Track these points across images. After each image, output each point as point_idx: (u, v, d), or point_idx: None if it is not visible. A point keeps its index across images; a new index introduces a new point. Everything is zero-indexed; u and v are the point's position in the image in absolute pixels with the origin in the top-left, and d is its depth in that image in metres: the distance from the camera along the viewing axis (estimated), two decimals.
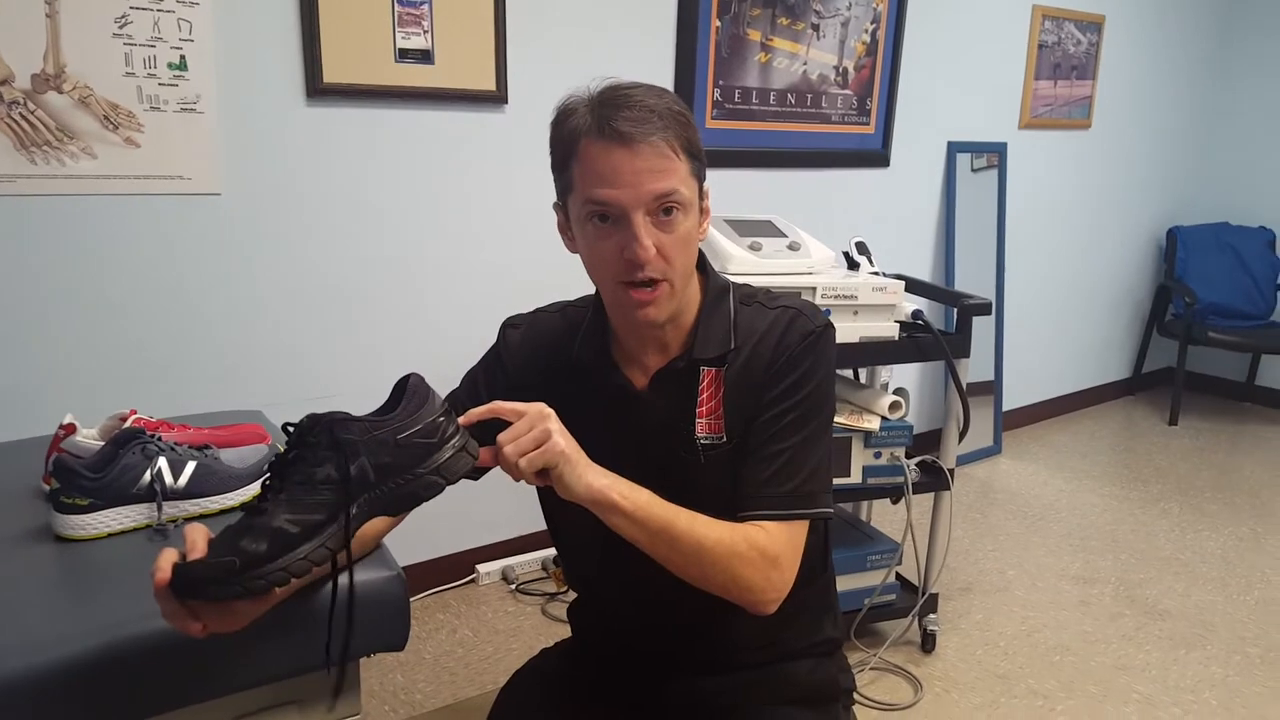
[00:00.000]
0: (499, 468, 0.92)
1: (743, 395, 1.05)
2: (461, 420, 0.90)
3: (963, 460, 3.47)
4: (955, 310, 2.16)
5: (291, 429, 0.84)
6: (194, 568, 0.78)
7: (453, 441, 0.87)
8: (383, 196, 2.20)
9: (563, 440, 0.90)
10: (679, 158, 0.97)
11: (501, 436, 0.90)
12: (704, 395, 1.06)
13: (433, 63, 2.17)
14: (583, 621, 1.27)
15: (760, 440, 1.04)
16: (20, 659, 0.82)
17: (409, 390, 0.87)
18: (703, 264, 1.11)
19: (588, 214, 0.99)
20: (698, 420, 1.06)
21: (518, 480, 0.92)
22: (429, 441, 0.85)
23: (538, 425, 0.90)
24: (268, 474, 0.84)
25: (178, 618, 0.80)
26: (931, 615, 2.29)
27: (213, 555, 0.78)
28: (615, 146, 0.95)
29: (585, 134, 0.96)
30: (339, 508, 0.81)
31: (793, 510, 1.02)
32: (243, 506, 0.83)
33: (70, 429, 1.17)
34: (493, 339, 1.18)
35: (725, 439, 1.05)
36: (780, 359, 1.05)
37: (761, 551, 0.98)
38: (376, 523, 1.03)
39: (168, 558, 0.79)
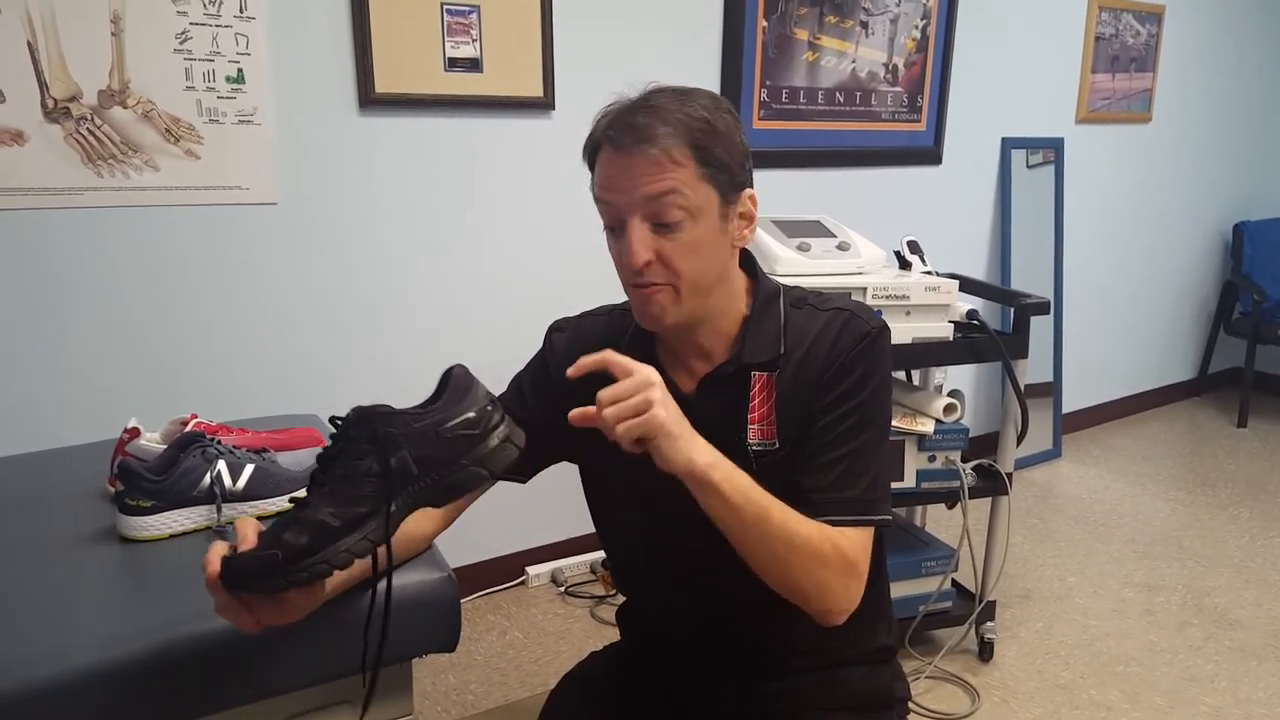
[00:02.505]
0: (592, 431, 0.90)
1: (796, 401, 1.03)
2: (571, 371, 0.89)
3: (1021, 464, 3.39)
4: (1012, 310, 2.11)
5: (338, 423, 0.84)
6: (240, 561, 0.79)
7: (497, 433, 0.86)
8: (434, 203, 2.23)
9: (664, 411, 0.86)
10: (682, 164, 0.95)
11: (603, 394, 0.87)
12: (755, 401, 1.05)
13: (481, 71, 2.19)
14: (632, 625, 1.26)
15: (818, 446, 1.02)
16: (85, 656, 0.85)
17: (451, 382, 0.87)
18: (753, 268, 1.10)
19: (603, 219, 1.01)
20: (749, 426, 1.05)
21: (613, 440, 0.89)
22: (472, 433, 0.85)
23: (641, 392, 0.87)
24: (316, 467, 0.85)
25: (230, 611, 0.82)
26: (989, 623, 2.24)
27: (260, 548, 0.80)
28: (615, 153, 0.96)
29: (600, 142, 0.99)
30: (381, 501, 0.82)
31: (861, 515, 1.01)
32: (291, 500, 0.84)
33: (134, 433, 1.20)
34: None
35: (778, 445, 1.03)
36: (835, 363, 1.03)
37: (844, 557, 0.96)
38: (426, 524, 1.05)
39: (217, 551, 0.81)
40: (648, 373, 0.88)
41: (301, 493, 0.86)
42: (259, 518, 1.10)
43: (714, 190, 0.99)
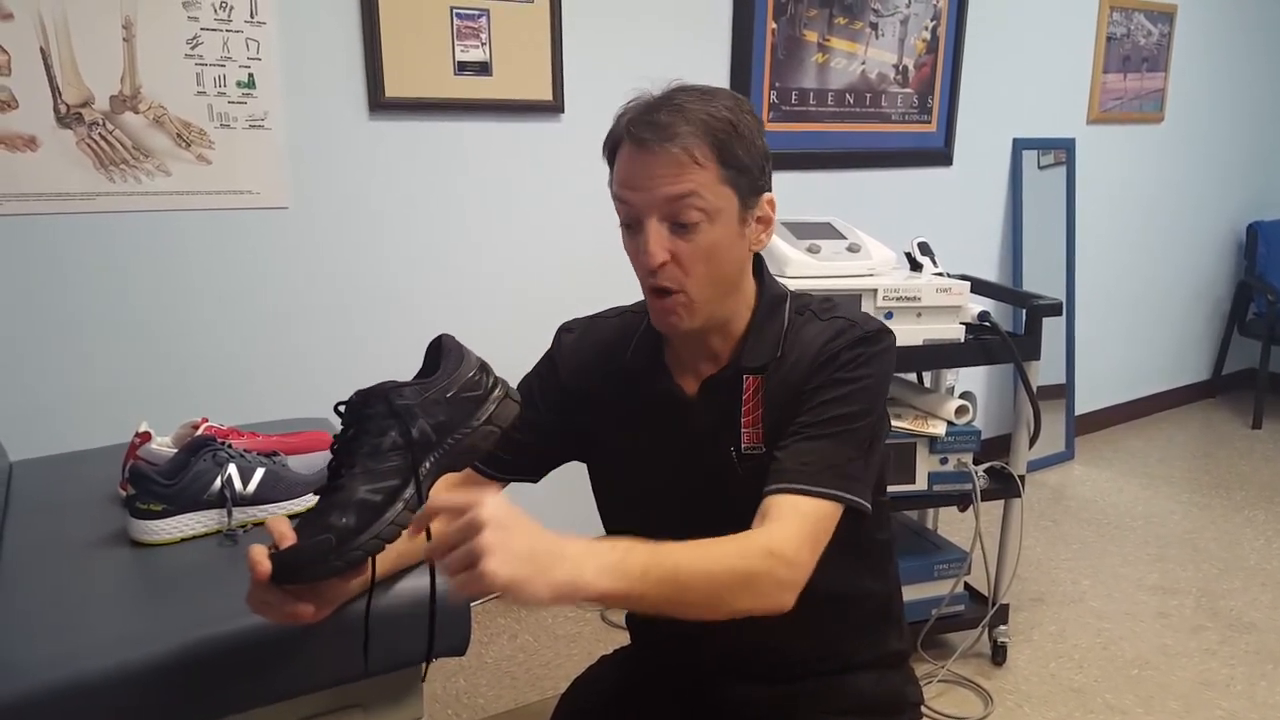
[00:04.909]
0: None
1: (783, 403, 1.02)
2: (410, 530, 0.82)
3: (1033, 466, 3.37)
4: (1024, 311, 2.10)
5: (343, 408, 0.86)
6: (293, 553, 0.80)
7: (495, 393, 0.90)
8: (444, 206, 2.23)
9: (496, 563, 0.72)
10: (704, 165, 0.94)
11: (429, 547, 0.77)
12: (747, 405, 1.04)
13: (491, 74, 2.19)
14: (641, 629, 1.26)
15: (793, 430, 0.99)
16: (96, 659, 0.85)
17: (445, 350, 0.90)
18: (760, 271, 1.09)
19: (620, 216, 1.00)
20: (742, 430, 1.04)
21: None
22: (475, 394, 0.88)
23: (467, 539, 0.73)
24: (332, 456, 0.86)
25: (278, 607, 0.81)
26: (1002, 626, 2.23)
27: (308, 537, 0.80)
28: (637, 151, 0.95)
29: (621, 138, 0.98)
30: (409, 470, 0.84)
31: (816, 487, 0.95)
32: (317, 492, 0.85)
33: (145, 437, 1.21)
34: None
35: (764, 448, 1.02)
36: (822, 358, 1.01)
37: (776, 556, 0.90)
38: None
39: (261, 552, 0.79)
40: (474, 515, 0.74)
41: (313, 499, 0.86)
42: None
43: (733, 193, 0.97)
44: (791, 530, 0.92)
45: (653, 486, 1.11)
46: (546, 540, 0.77)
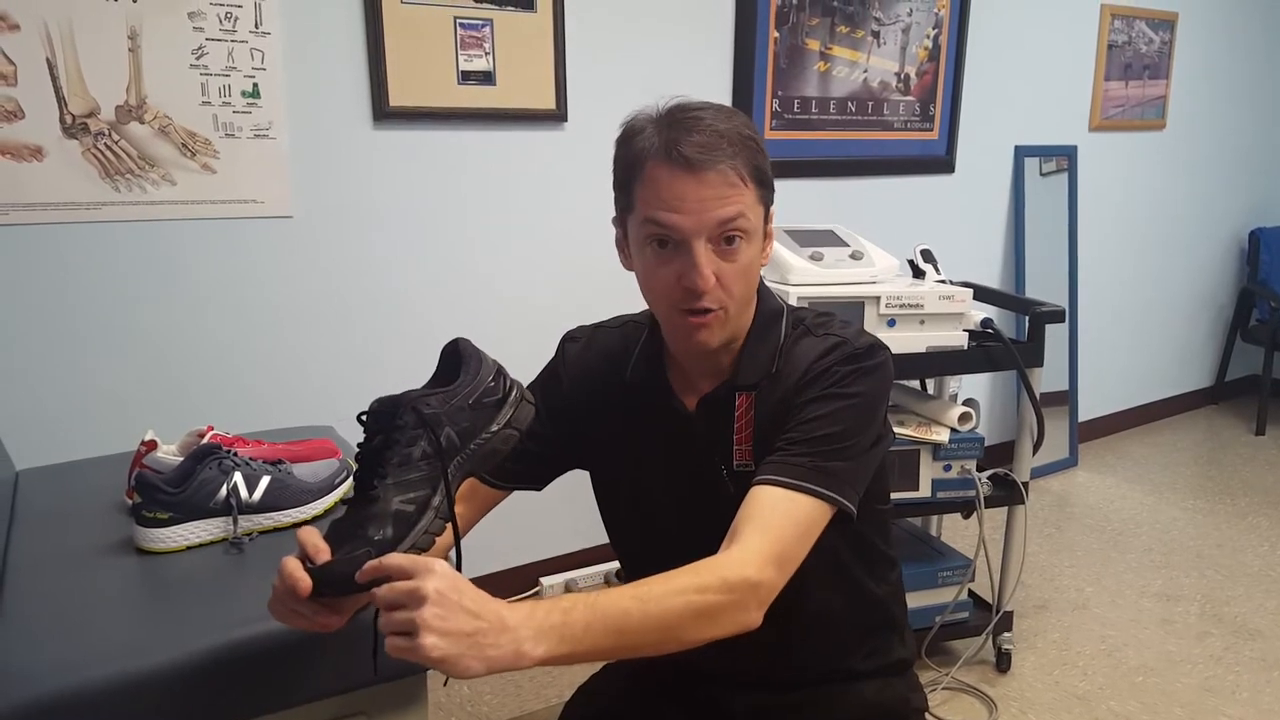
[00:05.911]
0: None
1: (774, 421, 1.01)
2: (359, 577, 0.78)
3: (1037, 473, 3.37)
4: (1027, 318, 2.10)
5: (366, 417, 0.86)
6: (335, 567, 0.79)
7: (512, 396, 0.91)
8: (448, 215, 2.24)
9: (435, 639, 0.72)
10: (746, 185, 0.95)
11: (378, 592, 0.75)
12: (740, 422, 1.04)
13: (494, 84, 2.20)
14: None
15: (779, 446, 0.98)
16: (102, 667, 0.85)
17: (465, 355, 0.90)
18: (758, 285, 1.09)
19: (647, 237, 0.97)
20: (735, 448, 1.04)
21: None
22: (495, 398, 0.89)
23: (408, 609, 0.73)
24: (358, 465, 0.86)
25: (310, 618, 0.81)
26: (1006, 634, 2.22)
27: (349, 551, 0.80)
28: (681, 172, 0.93)
29: (652, 156, 0.95)
30: (439, 479, 0.85)
31: (800, 481, 0.93)
32: (344, 501, 0.85)
33: (151, 445, 1.21)
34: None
35: (754, 465, 1.01)
36: (812, 373, 1.01)
37: (736, 585, 0.87)
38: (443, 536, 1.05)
39: (298, 567, 0.78)
40: (419, 585, 0.73)
41: (319, 507, 0.86)
42: (276, 529, 1.11)
43: (762, 209, 0.99)
44: (754, 547, 0.90)
45: (651, 498, 1.11)
46: (489, 614, 0.75)
